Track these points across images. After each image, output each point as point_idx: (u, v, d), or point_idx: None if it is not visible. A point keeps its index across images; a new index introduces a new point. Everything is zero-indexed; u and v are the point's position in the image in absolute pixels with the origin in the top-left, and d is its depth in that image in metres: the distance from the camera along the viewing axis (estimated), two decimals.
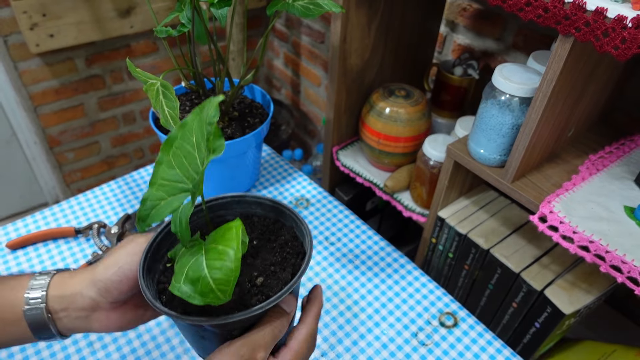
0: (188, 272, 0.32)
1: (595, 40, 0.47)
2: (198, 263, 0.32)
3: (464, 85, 0.88)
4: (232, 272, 0.31)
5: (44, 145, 1.46)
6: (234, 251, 0.32)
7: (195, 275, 0.32)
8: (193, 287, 0.31)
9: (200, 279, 0.31)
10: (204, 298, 0.31)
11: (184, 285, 0.32)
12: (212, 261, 0.32)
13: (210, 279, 0.31)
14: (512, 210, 0.78)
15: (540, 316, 0.66)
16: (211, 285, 0.31)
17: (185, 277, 0.32)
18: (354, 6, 0.77)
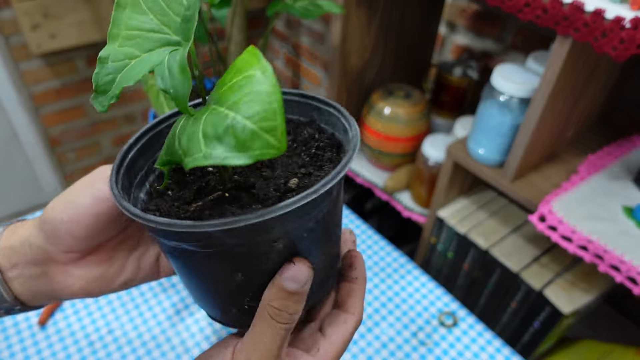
0: (206, 130, 0.21)
1: (594, 41, 0.47)
2: (216, 113, 0.22)
3: (463, 86, 0.88)
4: (273, 94, 0.21)
5: (45, 145, 1.47)
6: (261, 71, 0.21)
7: (219, 126, 0.21)
8: (225, 144, 0.21)
9: (229, 127, 0.21)
10: (250, 150, 0.20)
11: (210, 148, 0.21)
12: (236, 101, 0.21)
13: (245, 118, 0.21)
14: (512, 210, 0.78)
15: (539, 315, 0.66)
16: (250, 127, 0.20)
17: (205, 137, 0.21)
18: (354, 7, 0.78)
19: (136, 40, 0.25)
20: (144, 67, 0.25)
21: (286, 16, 1.53)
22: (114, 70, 0.25)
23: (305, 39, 1.48)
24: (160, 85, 0.24)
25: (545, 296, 0.64)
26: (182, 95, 0.24)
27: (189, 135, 0.22)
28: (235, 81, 0.22)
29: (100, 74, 0.25)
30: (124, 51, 0.25)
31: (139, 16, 0.25)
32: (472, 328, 0.66)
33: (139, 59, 0.25)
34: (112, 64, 0.25)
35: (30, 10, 1.18)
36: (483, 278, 0.74)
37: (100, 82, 0.25)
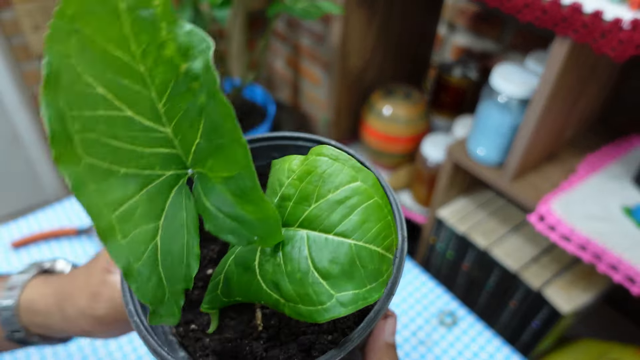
0: (321, 267, 0.17)
1: (593, 42, 0.47)
2: (323, 242, 0.17)
3: (463, 86, 0.88)
4: (386, 206, 0.18)
5: (46, 146, 1.47)
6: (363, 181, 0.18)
7: (339, 259, 0.17)
8: (355, 280, 0.17)
9: (355, 258, 0.17)
10: (380, 276, 0.18)
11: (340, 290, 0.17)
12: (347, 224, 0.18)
13: (368, 243, 0.17)
14: (511, 209, 0.78)
15: (538, 315, 0.66)
16: (378, 251, 0.17)
17: (326, 278, 0.17)
18: (354, 8, 0.78)
19: (137, 212, 0.17)
20: (182, 240, 0.18)
21: (286, 17, 1.53)
22: (148, 267, 0.17)
23: (306, 39, 1.48)
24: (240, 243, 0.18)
25: (544, 296, 0.64)
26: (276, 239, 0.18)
27: (292, 278, 0.17)
28: (331, 197, 0.18)
29: (140, 287, 0.17)
30: (136, 238, 0.17)
31: (111, 181, 0.17)
32: (472, 327, 0.66)
33: (162, 232, 0.17)
34: (139, 264, 0.17)
35: (31, 11, 1.18)
36: (482, 277, 0.74)
37: (150, 295, 0.17)
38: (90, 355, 0.59)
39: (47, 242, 0.74)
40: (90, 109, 0.16)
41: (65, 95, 0.15)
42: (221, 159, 0.16)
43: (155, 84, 0.16)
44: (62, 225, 0.77)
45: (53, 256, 0.72)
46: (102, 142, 0.16)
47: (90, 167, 0.16)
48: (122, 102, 0.16)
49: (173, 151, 0.17)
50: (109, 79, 0.16)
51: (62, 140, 0.16)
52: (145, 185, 0.17)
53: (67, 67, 0.15)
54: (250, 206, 0.16)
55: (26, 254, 0.72)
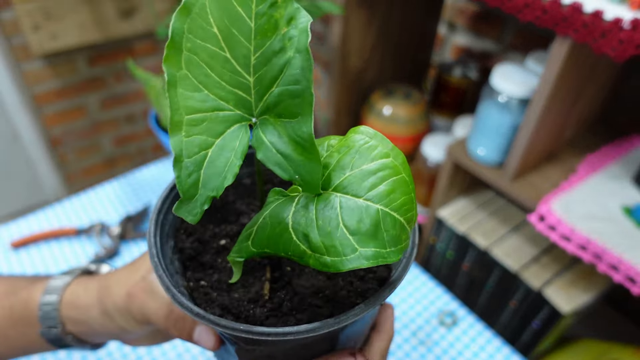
0: (350, 225, 0.19)
1: (593, 42, 0.47)
2: (354, 204, 0.20)
3: (463, 86, 0.88)
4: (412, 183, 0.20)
5: (46, 145, 1.47)
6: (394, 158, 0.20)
7: (365, 220, 0.19)
8: (378, 241, 0.19)
9: (380, 222, 0.19)
10: (400, 243, 0.20)
11: (364, 247, 0.19)
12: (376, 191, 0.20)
13: (393, 211, 0.20)
14: (511, 209, 0.78)
15: (538, 315, 0.66)
16: (400, 220, 0.20)
17: (354, 234, 0.19)
18: (354, 7, 0.78)
19: (204, 124, 0.21)
20: (228, 156, 0.21)
21: None
22: (194, 166, 0.21)
23: None
24: (283, 175, 0.21)
25: (545, 296, 0.64)
26: (314, 183, 0.20)
27: (323, 231, 0.20)
28: (365, 168, 0.20)
29: (182, 177, 0.21)
30: (195, 141, 0.21)
31: (195, 94, 0.21)
32: (472, 327, 0.66)
33: (215, 146, 0.21)
34: (189, 160, 0.21)
35: (31, 11, 1.18)
36: (482, 277, 0.74)
37: (184, 187, 0.21)
38: (89, 355, 0.59)
39: (47, 242, 0.74)
40: (202, 39, 0.20)
41: (191, 22, 0.20)
42: (291, 104, 0.20)
43: (256, 40, 0.20)
44: (61, 225, 0.77)
45: (52, 256, 0.72)
46: (200, 65, 0.21)
47: (185, 76, 0.20)
48: (226, 45, 0.21)
49: (248, 98, 0.21)
50: (225, 24, 0.20)
51: (174, 48, 0.20)
52: (217, 109, 0.21)
53: (200, 4, 0.20)
54: (300, 147, 0.20)
55: (26, 254, 0.72)
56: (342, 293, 0.26)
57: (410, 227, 0.21)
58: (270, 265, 0.28)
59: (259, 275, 0.28)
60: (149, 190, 0.85)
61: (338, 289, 0.27)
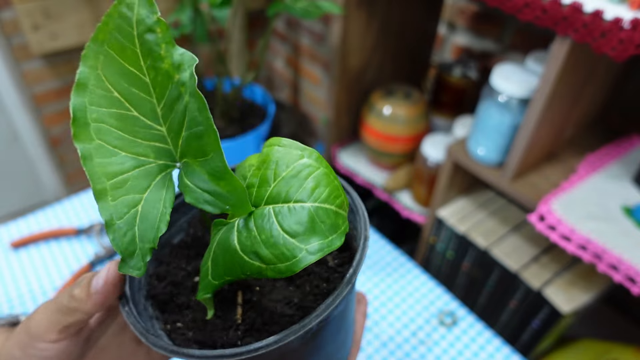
0: (289, 229, 0.21)
1: (593, 42, 0.47)
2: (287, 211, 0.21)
3: (463, 86, 0.88)
4: (331, 173, 0.22)
5: (46, 145, 1.47)
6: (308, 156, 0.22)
7: (302, 220, 0.21)
8: (318, 234, 0.21)
9: (314, 216, 0.21)
10: (339, 228, 0.21)
11: (307, 244, 0.21)
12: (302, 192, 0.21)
13: (323, 203, 0.21)
14: (511, 209, 0.78)
15: (538, 315, 0.66)
16: (333, 209, 0.21)
17: (294, 236, 0.21)
18: (354, 7, 0.78)
19: (127, 184, 0.22)
20: (158, 206, 0.22)
21: (286, 17, 1.53)
22: (126, 225, 0.22)
23: (306, 39, 1.48)
24: (214, 211, 0.22)
25: (544, 296, 0.64)
26: (244, 206, 0.22)
27: (268, 243, 0.21)
28: (286, 174, 0.22)
29: (117, 238, 0.22)
30: (123, 202, 0.22)
31: (112, 159, 0.22)
32: (472, 327, 0.66)
33: (143, 201, 0.22)
34: (120, 221, 0.22)
35: (31, 10, 1.18)
36: (482, 277, 0.74)
37: (122, 247, 0.22)
38: None
39: (47, 242, 0.74)
40: (106, 106, 0.21)
41: (90, 95, 0.21)
42: (199, 144, 0.21)
43: (156, 92, 0.22)
44: (61, 225, 0.77)
45: (52, 256, 0.72)
46: (111, 131, 0.22)
47: (99, 146, 0.21)
48: (131, 104, 0.22)
49: (166, 146, 0.22)
50: (123, 87, 0.22)
51: (81, 124, 0.21)
52: (138, 166, 0.22)
53: (95, 76, 0.21)
54: (221, 182, 0.21)
55: (26, 254, 0.72)
56: (310, 298, 0.27)
57: (345, 212, 0.22)
58: (241, 289, 0.28)
59: (233, 302, 0.28)
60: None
61: (305, 295, 0.27)
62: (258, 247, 0.21)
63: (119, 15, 0.21)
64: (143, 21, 0.21)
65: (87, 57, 0.22)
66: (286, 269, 0.21)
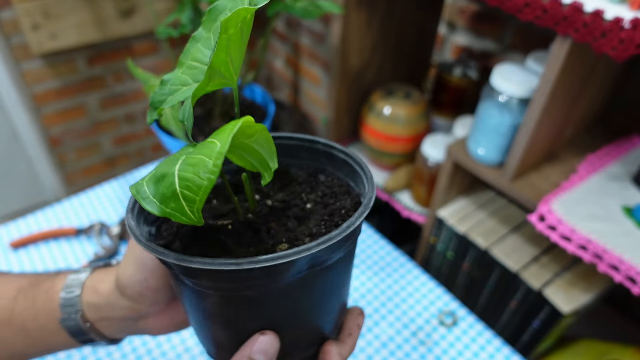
0: (157, 170, 0.23)
1: (593, 41, 0.47)
2: (173, 159, 0.23)
3: (463, 86, 0.88)
4: (209, 171, 0.22)
5: (46, 145, 1.47)
6: (220, 145, 0.22)
7: (162, 172, 0.23)
8: (154, 188, 0.22)
9: (166, 177, 0.22)
10: (163, 205, 0.22)
11: (146, 185, 0.23)
12: (191, 157, 0.23)
13: (177, 177, 0.22)
14: (511, 209, 0.78)
15: (538, 315, 0.66)
16: (174, 187, 0.22)
17: (152, 175, 0.23)
18: (354, 7, 0.78)
19: (194, 70, 0.27)
20: (184, 96, 0.27)
21: (286, 16, 1.53)
22: (169, 92, 0.27)
23: (306, 39, 1.48)
24: (180, 116, 0.26)
25: (545, 296, 0.64)
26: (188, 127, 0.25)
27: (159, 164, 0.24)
28: (207, 140, 0.23)
29: (157, 93, 0.27)
30: (182, 78, 0.27)
31: (205, 50, 0.27)
32: (472, 327, 0.66)
33: (188, 87, 0.27)
34: (170, 87, 0.27)
35: (31, 10, 1.18)
36: (482, 277, 0.74)
37: (154, 100, 0.27)
38: (89, 355, 0.59)
39: (47, 243, 0.74)
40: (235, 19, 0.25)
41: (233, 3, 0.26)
42: None
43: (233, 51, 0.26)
44: (61, 225, 0.77)
45: (52, 257, 0.72)
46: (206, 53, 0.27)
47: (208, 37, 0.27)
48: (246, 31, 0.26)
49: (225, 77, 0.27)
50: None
51: (211, 17, 0.27)
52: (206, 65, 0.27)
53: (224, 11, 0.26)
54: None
55: (25, 254, 0.72)
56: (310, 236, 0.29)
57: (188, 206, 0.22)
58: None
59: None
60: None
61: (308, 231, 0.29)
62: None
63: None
64: None
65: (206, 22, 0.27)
66: None
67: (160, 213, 0.22)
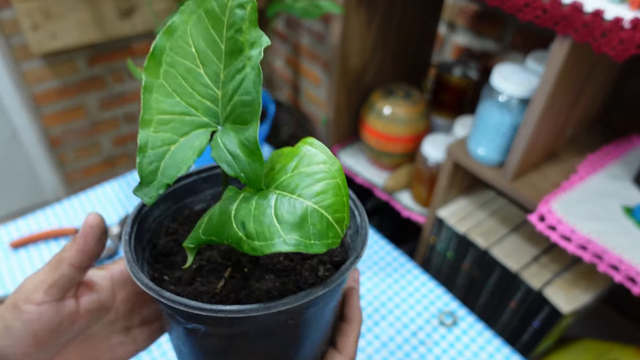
0: (280, 216, 0.22)
1: (593, 41, 0.47)
2: (288, 199, 0.23)
3: (463, 86, 0.88)
4: (345, 188, 0.23)
5: (46, 145, 1.47)
6: (331, 165, 0.23)
7: (295, 213, 0.22)
8: (302, 232, 0.22)
9: (307, 215, 0.22)
10: (325, 238, 0.22)
11: (288, 235, 0.22)
12: (309, 191, 0.22)
13: (322, 208, 0.22)
14: (511, 209, 0.78)
15: (538, 315, 0.66)
16: (327, 217, 0.22)
17: (281, 224, 0.22)
18: (354, 7, 0.78)
19: (170, 124, 0.25)
20: (187, 152, 0.25)
21: (286, 16, 1.53)
22: (156, 157, 0.25)
23: (306, 39, 1.48)
24: (229, 171, 0.24)
25: (545, 296, 0.64)
26: (256, 180, 0.24)
27: (257, 220, 0.23)
28: (304, 170, 0.23)
29: (143, 164, 0.24)
30: (161, 137, 0.25)
31: (167, 99, 0.25)
32: (472, 327, 0.66)
33: (178, 143, 0.25)
34: (152, 151, 0.24)
35: (31, 10, 1.18)
36: (482, 277, 0.74)
37: (144, 172, 0.24)
38: None
39: (46, 243, 0.74)
40: (182, 57, 0.25)
41: (173, 41, 0.24)
42: (243, 111, 0.24)
43: (225, 60, 0.24)
44: (61, 225, 0.77)
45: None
46: (177, 77, 0.24)
47: (161, 84, 0.24)
48: (201, 62, 0.25)
49: (215, 108, 0.25)
50: (202, 46, 0.24)
51: (155, 61, 0.24)
52: (185, 114, 0.25)
53: (183, 29, 0.24)
54: (246, 149, 0.24)
55: (25, 254, 0.72)
56: (289, 295, 0.28)
57: (340, 228, 0.22)
58: (231, 267, 0.30)
59: (219, 276, 0.29)
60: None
61: (286, 292, 0.28)
62: (247, 219, 0.23)
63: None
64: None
65: (183, 12, 0.24)
66: (259, 247, 0.22)
67: (326, 248, 0.22)
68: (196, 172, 0.33)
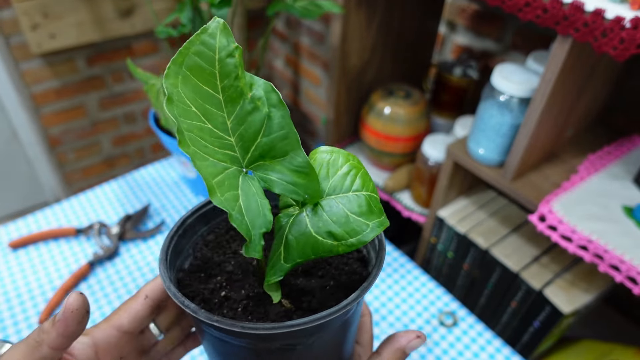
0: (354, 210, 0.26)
1: (594, 41, 0.47)
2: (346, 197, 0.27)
3: (463, 86, 0.88)
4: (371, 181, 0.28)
5: (45, 145, 1.47)
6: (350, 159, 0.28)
7: (362, 204, 0.26)
8: (372, 215, 0.26)
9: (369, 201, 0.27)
10: (383, 213, 0.27)
11: (370, 221, 0.26)
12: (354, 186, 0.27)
13: (372, 192, 0.27)
14: (512, 209, 0.78)
15: (539, 315, 0.66)
16: (371, 206, 0.27)
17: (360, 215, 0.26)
18: (354, 7, 0.78)
19: (225, 184, 0.25)
20: (256, 201, 0.26)
21: (286, 16, 1.53)
22: (239, 215, 0.26)
23: (306, 38, 1.48)
24: (297, 198, 0.27)
25: (545, 296, 0.64)
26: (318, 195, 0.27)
27: (339, 223, 0.26)
28: (338, 173, 0.28)
29: (240, 227, 0.25)
30: (227, 197, 0.25)
31: (205, 162, 0.25)
32: (472, 328, 0.66)
33: (242, 196, 0.26)
34: (234, 212, 0.25)
35: (30, 10, 1.18)
36: (483, 278, 0.74)
37: (244, 232, 0.26)
38: None
39: (46, 243, 0.74)
40: (189, 119, 0.25)
41: (177, 109, 0.24)
42: (282, 145, 0.26)
43: (227, 108, 0.26)
44: (61, 225, 0.76)
45: (51, 257, 0.72)
46: (197, 140, 0.25)
47: (195, 152, 0.25)
48: (206, 118, 0.25)
49: (235, 154, 0.26)
50: (198, 103, 0.25)
51: (180, 133, 0.24)
52: (224, 170, 0.26)
53: (176, 93, 0.24)
54: (301, 174, 0.26)
55: (25, 254, 0.72)
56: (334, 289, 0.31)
57: (379, 210, 0.27)
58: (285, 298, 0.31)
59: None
60: (148, 190, 0.85)
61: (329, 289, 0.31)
62: (331, 227, 0.26)
63: (201, 42, 0.24)
64: (225, 47, 0.25)
65: (168, 76, 0.25)
66: (357, 241, 0.25)
67: (387, 221, 0.26)
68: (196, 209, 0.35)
